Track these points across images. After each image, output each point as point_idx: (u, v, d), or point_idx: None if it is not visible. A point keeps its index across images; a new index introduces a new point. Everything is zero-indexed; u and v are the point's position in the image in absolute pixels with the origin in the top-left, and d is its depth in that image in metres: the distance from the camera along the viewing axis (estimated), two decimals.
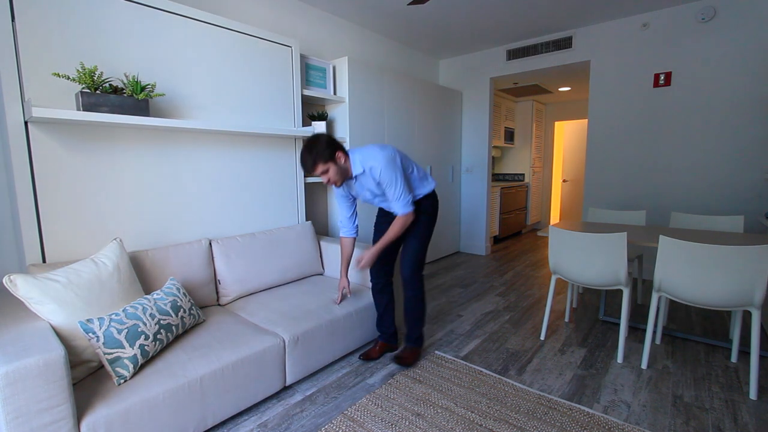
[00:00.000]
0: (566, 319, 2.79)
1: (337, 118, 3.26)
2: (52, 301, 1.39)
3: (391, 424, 1.65)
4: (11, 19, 1.61)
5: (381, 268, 2.20)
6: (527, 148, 6.43)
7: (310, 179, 2.98)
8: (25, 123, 1.67)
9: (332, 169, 1.85)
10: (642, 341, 2.41)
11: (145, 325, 1.49)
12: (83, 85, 1.72)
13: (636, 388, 1.92)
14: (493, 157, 6.65)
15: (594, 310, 2.98)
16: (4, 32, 1.60)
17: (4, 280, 1.36)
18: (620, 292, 3.25)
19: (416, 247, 2.10)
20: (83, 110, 1.70)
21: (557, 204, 7.21)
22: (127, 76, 1.89)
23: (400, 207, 1.95)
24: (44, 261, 1.74)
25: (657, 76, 3.49)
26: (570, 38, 3.90)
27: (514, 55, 4.30)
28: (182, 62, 2.15)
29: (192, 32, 2.18)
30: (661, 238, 1.96)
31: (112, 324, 1.41)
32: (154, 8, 2.02)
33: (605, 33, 3.74)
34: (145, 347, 1.47)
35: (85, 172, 1.85)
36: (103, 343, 1.37)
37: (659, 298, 2.14)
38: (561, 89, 5.69)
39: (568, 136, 6.84)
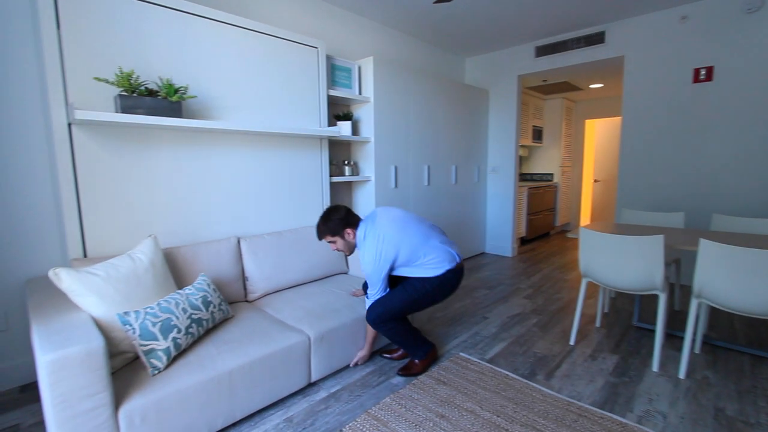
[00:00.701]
0: (597, 324, 2.70)
1: (362, 118, 3.28)
2: (93, 293, 1.46)
3: (416, 425, 1.64)
4: (56, 27, 1.71)
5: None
6: (556, 147, 6.25)
7: (336, 179, 3.01)
8: (68, 125, 1.76)
9: (339, 242, 2.01)
10: (679, 350, 2.30)
11: (178, 318, 1.55)
12: (121, 89, 1.80)
13: (673, 399, 1.83)
14: (521, 157, 6.50)
15: (627, 316, 2.86)
16: (51, 40, 1.69)
17: (49, 274, 1.44)
18: (656, 297, 3.11)
19: (395, 300, 1.93)
20: (121, 112, 1.78)
21: (588, 205, 6.98)
22: (161, 79, 1.96)
23: (370, 307, 1.98)
24: (85, 256, 1.84)
25: (697, 71, 3.32)
26: (602, 33, 3.77)
27: (542, 51, 4.19)
28: (213, 65, 2.22)
29: (222, 36, 2.24)
30: (702, 241, 1.86)
31: (147, 317, 1.47)
32: (187, 13, 2.09)
33: (640, 27, 3.58)
34: (178, 340, 1.52)
35: (122, 172, 1.93)
36: (139, 335, 1.43)
37: (699, 305, 2.03)
38: (592, 86, 5.50)
39: (599, 134, 6.61)
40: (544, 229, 6.00)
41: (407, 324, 2.05)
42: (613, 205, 6.38)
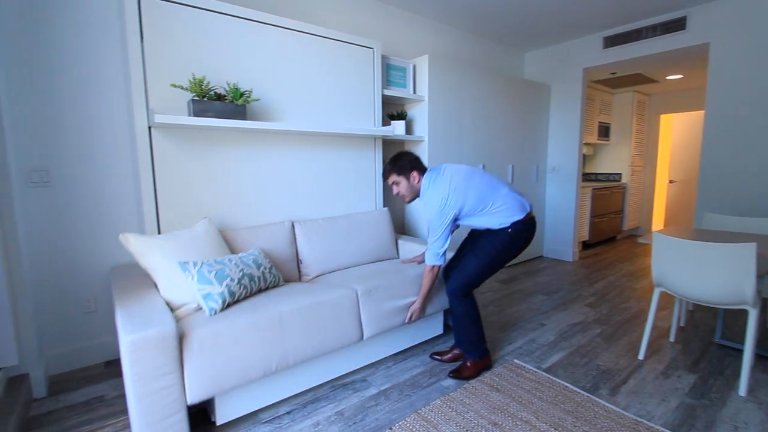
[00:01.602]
0: (671, 339, 2.45)
1: (416, 117, 3.26)
2: (156, 252, 1.68)
3: (466, 430, 1.60)
4: (140, 40, 1.89)
5: None
6: (625, 145, 5.78)
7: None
8: (149, 128, 1.94)
9: (403, 184, 1.98)
10: None
11: (231, 270, 1.71)
12: (193, 94, 1.94)
13: (765, 429, 1.61)
14: (584, 155, 6.10)
15: (708, 331, 2.57)
16: (135, 51, 1.87)
17: (119, 238, 1.68)
18: (744, 312, 2.76)
19: (469, 267, 1.96)
20: (194, 116, 1.93)
21: (661, 207, 6.38)
22: (228, 84, 2.10)
23: (428, 256, 1.95)
24: None
25: None
26: (683, 19, 3.41)
27: (612, 42, 3.89)
28: (274, 69, 2.33)
29: (284, 41, 2.34)
30: None
31: (204, 266, 1.65)
32: (252, 21, 2.21)
33: (728, 10, 3.20)
34: (231, 287, 1.67)
35: (192, 168, 2.10)
36: (197, 281, 1.60)
37: None
38: (669, 77, 5.01)
39: (677, 130, 6.01)
40: (610, 233, 5.58)
41: (479, 314, 2.04)
42: (692, 209, 5.76)
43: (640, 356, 2.23)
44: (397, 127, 3.03)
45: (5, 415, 1.50)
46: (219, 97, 2.03)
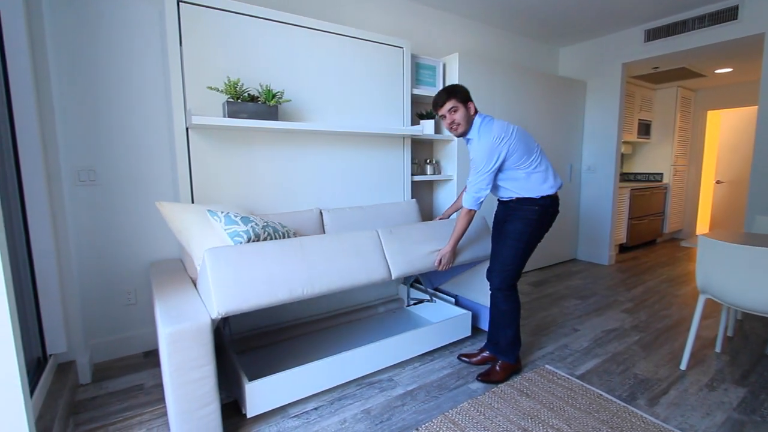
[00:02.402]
0: (717, 350, 2.30)
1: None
2: (188, 213, 1.82)
3: None
4: (179, 44, 1.96)
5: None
6: (668, 143, 5.48)
7: (417, 177, 3.01)
8: (186, 128, 2.02)
9: (461, 112, 1.87)
10: None
11: (255, 220, 1.85)
12: (228, 96, 2.00)
13: None
14: (623, 154, 5.84)
15: (759, 343, 2.40)
16: (174, 55, 1.95)
17: (156, 204, 1.86)
18: None
19: (505, 257, 1.93)
20: (228, 117, 1.99)
21: (707, 210, 6.01)
22: (261, 86, 2.15)
23: (466, 198, 1.90)
24: None
25: None
26: (735, 8, 3.20)
27: (654, 35, 3.70)
28: (305, 70, 2.36)
29: (314, 42, 2.38)
30: None
31: (230, 213, 1.79)
32: (284, 23, 2.26)
33: None
34: (256, 229, 1.78)
35: (225, 165, 2.17)
36: (224, 222, 1.72)
37: None
38: (718, 71, 4.71)
39: (725, 127, 5.64)
40: (650, 236, 5.32)
41: (520, 314, 2.01)
42: (741, 211, 5.39)
43: (683, 366, 2.11)
44: (426, 127, 3.01)
45: (55, 398, 1.61)
46: (252, 99, 2.08)
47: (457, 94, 1.87)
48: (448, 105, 1.88)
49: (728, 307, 2.27)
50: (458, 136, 1.95)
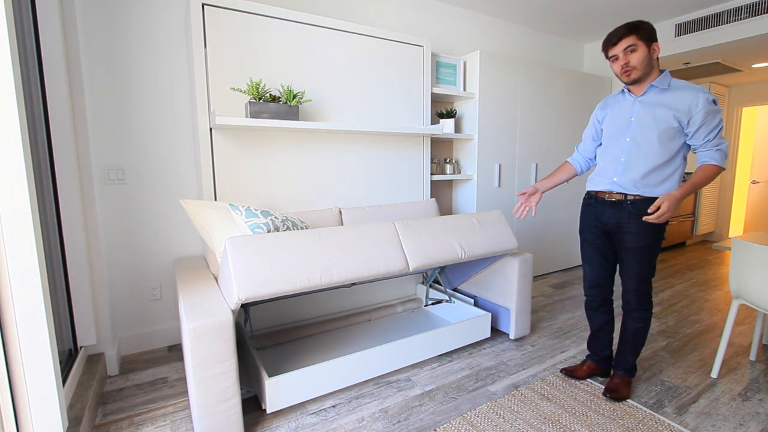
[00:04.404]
0: (752, 358, 2.20)
1: (465, 115, 3.19)
2: (210, 209, 1.88)
3: None
4: (204, 46, 2.01)
5: (595, 281, 1.88)
6: None
7: (437, 177, 2.99)
8: (210, 129, 2.07)
9: (641, 51, 1.54)
10: None
11: (275, 214, 1.90)
12: (251, 96, 2.04)
13: None
14: None
15: None
16: (199, 57, 2.00)
17: (180, 201, 1.94)
18: None
19: (639, 268, 1.66)
20: (250, 117, 2.03)
21: (741, 211, 5.74)
22: (282, 86, 2.18)
23: (721, 151, 1.55)
24: None
25: None
26: None
27: (685, 29, 3.55)
28: (325, 70, 2.38)
29: (335, 42, 2.39)
30: None
31: (250, 207, 1.84)
32: (305, 24, 2.28)
33: None
34: (275, 222, 1.83)
35: (247, 164, 2.21)
36: (245, 215, 1.77)
37: None
38: (756, 66, 4.48)
39: (763, 124, 5.37)
40: (679, 239, 5.12)
41: None
42: None
43: (714, 374, 2.02)
44: (446, 126, 2.99)
45: (85, 389, 1.67)
46: (274, 99, 2.11)
47: (641, 30, 1.54)
48: (625, 43, 1.55)
49: (764, 313, 2.17)
50: (628, 83, 1.63)
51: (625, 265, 1.72)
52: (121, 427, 1.65)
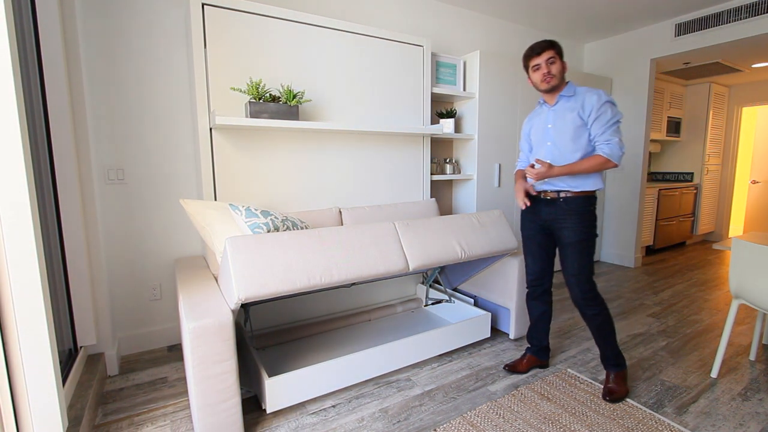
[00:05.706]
0: (751, 357, 2.20)
1: (465, 115, 3.19)
2: (210, 209, 1.87)
3: None
4: (204, 46, 2.01)
5: (538, 273, 2.00)
6: (699, 142, 5.26)
7: (437, 177, 2.99)
8: (210, 129, 2.07)
9: (558, 63, 1.79)
10: None
11: (275, 214, 1.90)
12: (250, 96, 2.04)
13: None
14: (651, 153, 5.64)
15: None
16: (199, 57, 2.00)
17: (180, 201, 1.92)
18: None
19: (578, 262, 1.79)
20: (250, 117, 2.02)
21: (741, 211, 5.74)
22: (282, 86, 2.18)
23: (611, 145, 1.72)
24: None
25: None
26: None
27: (685, 29, 3.55)
28: (325, 70, 2.38)
29: (334, 42, 2.39)
30: None
31: (250, 207, 1.84)
32: (305, 24, 2.28)
33: None
34: (275, 222, 1.83)
35: (247, 164, 2.21)
36: (245, 215, 1.78)
37: None
38: (756, 65, 4.49)
39: (762, 124, 5.37)
40: (679, 238, 5.12)
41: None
42: None
43: (713, 374, 2.02)
44: (446, 126, 2.99)
45: (85, 388, 1.67)
46: (274, 99, 2.11)
47: (557, 46, 1.79)
48: (548, 55, 1.78)
49: (764, 313, 2.17)
50: (545, 91, 1.84)
51: (565, 262, 1.85)
52: (121, 427, 1.65)
